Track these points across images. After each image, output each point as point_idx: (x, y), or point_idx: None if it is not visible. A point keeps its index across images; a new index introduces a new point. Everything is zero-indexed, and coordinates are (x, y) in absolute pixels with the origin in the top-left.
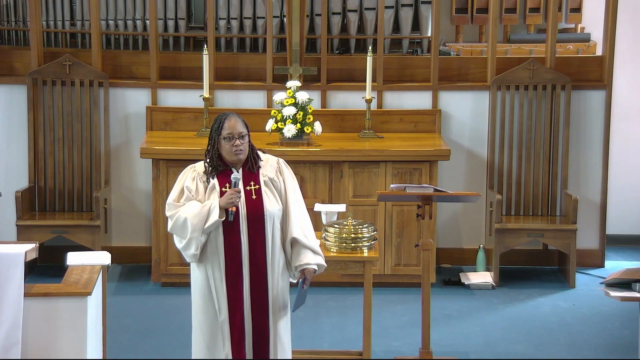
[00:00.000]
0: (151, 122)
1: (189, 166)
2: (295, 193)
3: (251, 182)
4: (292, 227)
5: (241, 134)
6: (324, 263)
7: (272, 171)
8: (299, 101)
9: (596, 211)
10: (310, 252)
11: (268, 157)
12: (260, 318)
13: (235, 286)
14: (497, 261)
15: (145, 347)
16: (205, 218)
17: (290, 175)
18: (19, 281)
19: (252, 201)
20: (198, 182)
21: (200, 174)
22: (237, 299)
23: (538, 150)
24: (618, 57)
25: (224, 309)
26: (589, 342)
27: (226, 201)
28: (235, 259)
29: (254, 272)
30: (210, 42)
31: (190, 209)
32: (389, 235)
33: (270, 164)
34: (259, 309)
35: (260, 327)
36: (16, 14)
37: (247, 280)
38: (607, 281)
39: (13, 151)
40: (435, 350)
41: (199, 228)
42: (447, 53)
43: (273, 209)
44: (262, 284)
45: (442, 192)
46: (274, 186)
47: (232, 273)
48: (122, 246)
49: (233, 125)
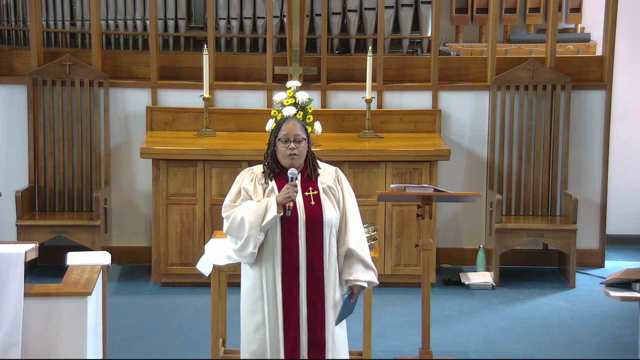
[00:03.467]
0: (151, 122)
1: (246, 169)
2: (353, 204)
3: (310, 188)
4: (349, 238)
5: (297, 137)
6: (375, 280)
7: (331, 179)
8: (299, 101)
9: (596, 211)
10: (362, 266)
11: (326, 166)
12: (316, 328)
13: (290, 291)
14: (497, 261)
15: (145, 347)
16: (262, 215)
17: (348, 186)
18: (19, 281)
19: (311, 207)
20: (256, 183)
21: (258, 176)
22: (292, 304)
23: (538, 150)
24: (618, 57)
25: (276, 314)
26: (589, 342)
27: (283, 196)
28: (292, 263)
29: (310, 278)
30: (210, 42)
31: (247, 207)
32: (389, 235)
33: (328, 172)
34: (315, 318)
35: (316, 336)
36: (16, 14)
37: (303, 286)
38: (607, 281)
39: (13, 151)
40: (435, 350)
41: (256, 225)
42: (447, 53)
43: (331, 216)
44: (319, 291)
45: (442, 192)
46: (332, 194)
47: (288, 277)
48: (122, 246)
49: (290, 128)
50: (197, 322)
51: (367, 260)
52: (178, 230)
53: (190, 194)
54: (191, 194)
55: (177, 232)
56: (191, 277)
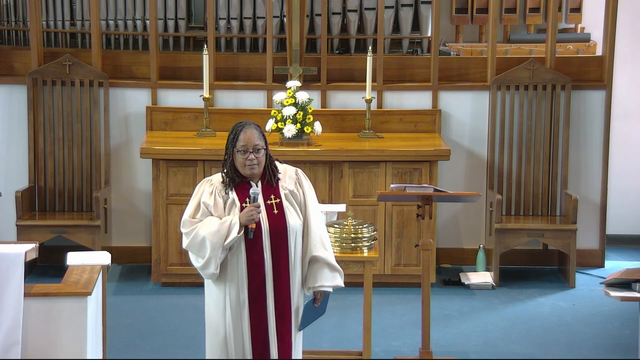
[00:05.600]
0: (151, 122)
1: (205, 179)
2: (314, 205)
3: (271, 196)
4: (313, 244)
5: (256, 147)
6: (341, 283)
7: (292, 183)
8: (299, 101)
9: (596, 211)
10: (328, 271)
11: (286, 167)
12: (285, 339)
13: (257, 305)
14: (497, 261)
15: (145, 347)
16: (224, 235)
17: (309, 186)
18: (19, 281)
19: (274, 216)
20: (216, 196)
21: (218, 187)
22: (260, 318)
23: (538, 150)
24: (618, 57)
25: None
26: (589, 342)
27: (246, 218)
28: (258, 278)
29: (277, 289)
30: (210, 42)
31: (208, 226)
32: (389, 235)
33: (289, 175)
34: (284, 329)
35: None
36: (16, 14)
37: (271, 298)
38: (607, 281)
39: (13, 151)
40: (435, 350)
41: (218, 246)
42: (447, 53)
43: (295, 224)
44: (286, 300)
45: (442, 192)
46: (294, 199)
47: (255, 290)
48: (122, 246)
49: (248, 138)
50: (197, 322)
51: (332, 262)
52: (178, 230)
53: (190, 194)
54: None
55: (177, 232)
56: (191, 277)
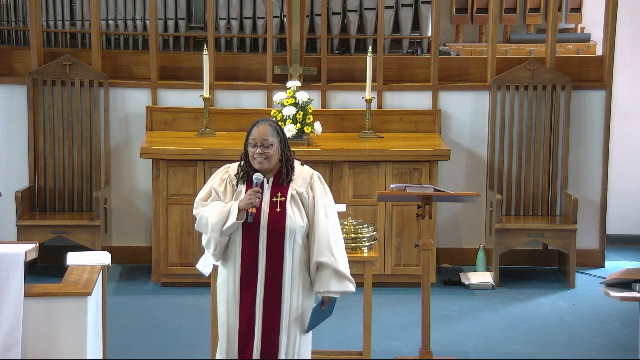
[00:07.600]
0: (151, 122)
1: (224, 166)
2: (325, 210)
3: (278, 194)
4: (318, 249)
5: (266, 142)
6: (351, 289)
7: (303, 185)
8: (299, 101)
9: (596, 211)
10: (335, 278)
11: (303, 169)
12: (271, 336)
13: (247, 297)
14: (497, 261)
15: (145, 347)
16: (224, 219)
17: (322, 192)
18: (19, 281)
19: (275, 214)
20: (227, 184)
21: (231, 176)
22: (248, 310)
23: (538, 150)
24: (618, 57)
25: (235, 316)
26: (589, 342)
27: (245, 202)
28: (251, 268)
29: (269, 286)
30: (210, 42)
31: (212, 209)
32: (389, 235)
33: (303, 177)
34: (270, 326)
35: (269, 344)
36: (16, 14)
37: (260, 293)
38: (607, 281)
39: (13, 151)
40: (435, 350)
41: (217, 229)
42: (447, 53)
43: (294, 225)
44: (277, 299)
45: (442, 192)
46: (302, 202)
47: (246, 283)
48: (122, 246)
49: (259, 133)
50: (197, 322)
51: (339, 268)
52: (178, 230)
53: (190, 194)
54: (191, 194)
55: (177, 232)
56: (191, 277)
